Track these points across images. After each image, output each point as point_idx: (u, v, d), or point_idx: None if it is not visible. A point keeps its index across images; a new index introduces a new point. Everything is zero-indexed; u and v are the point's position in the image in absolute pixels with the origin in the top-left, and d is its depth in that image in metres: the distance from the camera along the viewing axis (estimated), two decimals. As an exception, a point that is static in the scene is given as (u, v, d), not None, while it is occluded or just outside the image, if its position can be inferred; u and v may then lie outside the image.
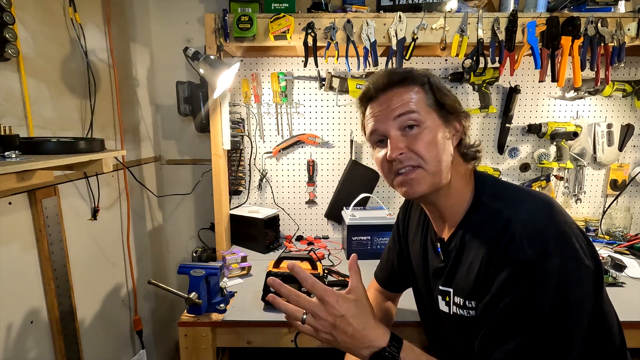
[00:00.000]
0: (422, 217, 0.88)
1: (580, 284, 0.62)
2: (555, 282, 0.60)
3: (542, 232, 0.63)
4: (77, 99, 1.28)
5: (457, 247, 0.74)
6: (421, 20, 1.37)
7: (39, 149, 0.91)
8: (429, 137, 0.70)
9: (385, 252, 1.06)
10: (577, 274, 0.61)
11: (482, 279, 0.67)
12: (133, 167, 1.62)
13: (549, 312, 0.60)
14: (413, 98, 0.71)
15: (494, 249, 0.65)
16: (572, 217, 0.70)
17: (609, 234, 1.74)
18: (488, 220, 0.70)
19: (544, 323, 0.61)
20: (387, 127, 0.72)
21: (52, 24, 1.16)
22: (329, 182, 1.83)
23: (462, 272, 0.73)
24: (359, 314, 0.65)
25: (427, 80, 0.74)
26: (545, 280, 0.60)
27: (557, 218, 0.65)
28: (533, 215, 0.66)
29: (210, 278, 1.11)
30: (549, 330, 0.61)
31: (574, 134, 1.65)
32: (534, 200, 0.70)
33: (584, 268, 0.62)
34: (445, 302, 0.78)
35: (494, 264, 0.65)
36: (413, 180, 0.71)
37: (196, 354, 1.10)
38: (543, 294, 0.61)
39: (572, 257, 0.62)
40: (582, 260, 0.62)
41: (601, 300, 0.69)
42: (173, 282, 2.00)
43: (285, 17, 1.35)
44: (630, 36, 1.39)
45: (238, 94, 1.75)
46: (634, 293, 1.22)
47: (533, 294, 0.61)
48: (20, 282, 1.04)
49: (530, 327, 0.61)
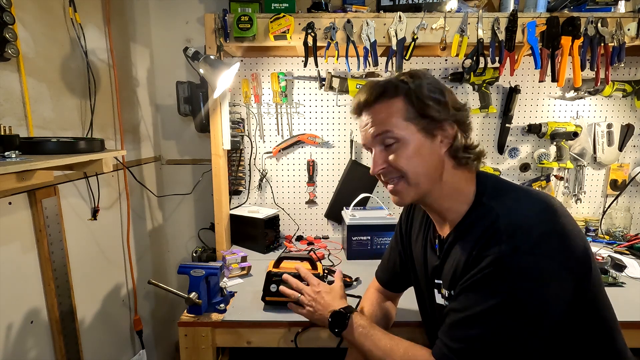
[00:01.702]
0: (425, 217, 0.90)
1: (546, 286, 0.63)
2: (514, 279, 0.63)
3: (525, 230, 0.65)
4: (77, 99, 1.28)
5: (449, 243, 0.77)
6: (421, 20, 1.37)
7: (39, 149, 0.91)
8: (406, 153, 0.73)
9: (387, 252, 1.06)
10: (548, 275, 0.63)
11: (463, 270, 0.70)
12: (133, 167, 1.62)
13: (496, 306, 0.64)
14: (391, 116, 0.74)
15: (478, 243, 0.68)
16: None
17: (609, 234, 1.74)
18: (480, 217, 0.71)
19: (488, 315, 0.64)
20: (370, 144, 0.78)
21: (52, 24, 1.16)
22: (329, 182, 1.83)
23: (449, 264, 0.76)
24: (332, 294, 0.95)
25: (408, 89, 0.73)
26: (507, 275, 0.63)
27: (549, 217, 0.66)
28: (522, 214, 0.67)
29: (210, 278, 1.11)
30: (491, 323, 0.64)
31: (574, 134, 1.65)
32: (530, 200, 0.70)
33: (559, 271, 0.63)
34: (441, 295, 0.81)
35: (473, 255, 0.68)
36: (398, 191, 0.77)
37: (196, 354, 1.10)
38: (498, 287, 0.64)
39: (549, 257, 0.63)
40: (562, 263, 0.63)
41: (600, 304, 0.69)
42: (173, 282, 2.00)
43: (285, 17, 1.35)
44: (630, 36, 1.39)
45: (238, 94, 1.75)
46: (634, 293, 1.22)
47: (489, 284, 0.65)
48: (20, 282, 1.04)
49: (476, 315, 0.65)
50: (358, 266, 1.46)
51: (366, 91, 0.76)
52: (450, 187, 0.76)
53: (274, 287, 1.13)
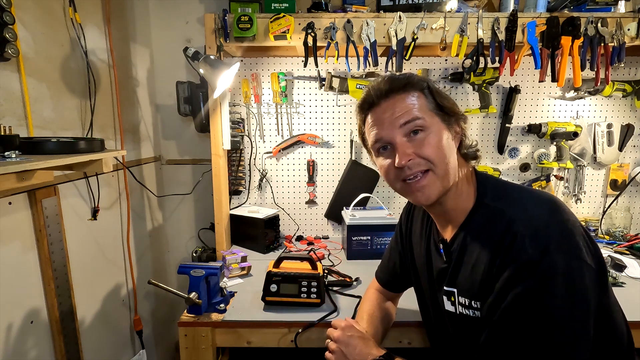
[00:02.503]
0: (426, 218, 0.89)
1: (583, 283, 0.61)
2: (559, 281, 0.60)
3: (544, 231, 0.63)
4: (77, 99, 1.28)
5: (460, 248, 0.75)
6: (421, 20, 1.37)
7: (39, 149, 0.91)
8: (435, 141, 0.71)
9: (387, 253, 1.06)
10: (580, 273, 0.61)
11: (487, 279, 0.68)
12: (133, 167, 1.62)
13: (553, 311, 0.60)
14: (415, 104, 0.72)
15: (498, 250, 0.66)
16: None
17: (609, 234, 1.74)
18: (491, 220, 0.70)
19: (548, 323, 0.60)
20: (393, 134, 0.72)
21: (52, 24, 1.16)
22: (329, 182, 1.83)
23: (465, 272, 0.73)
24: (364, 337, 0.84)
25: (427, 85, 0.74)
26: (548, 279, 0.60)
27: (560, 216, 0.65)
28: (535, 215, 0.66)
29: (210, 278, 1.11)
30: (552, 330, 0.60)
31: (574, 134, 1.65)
32: (536, 199, 0.70)
33: (586, 266, 0.62)
34: (450, 302, 0.78)
35: (497, 264, 0.66)
36: (424, 187, 0.72)
37: (196, 354, 1.10)
38: (546, 293, 0.60)
39: (575, 255, 0.61)
40: (585, 259, 0.62)
41: (607, 300, 0.69)
42: (173, 282, 2.00)
43: (285, 17, 1.35)
44: (630, 36, 1.39)
45: (238, 94, 1.75)
46: (634, 293, 1.22)
47: (536, 292, 0.61)
48: (20, 282, 1.04)
49: (534, 327, 0.61)
50: (358, 266, 1.46)
51: (387, 81, 0.74)
52: (459, 185, 0.75)
53: (274, 287, 1.13)
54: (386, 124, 0.73)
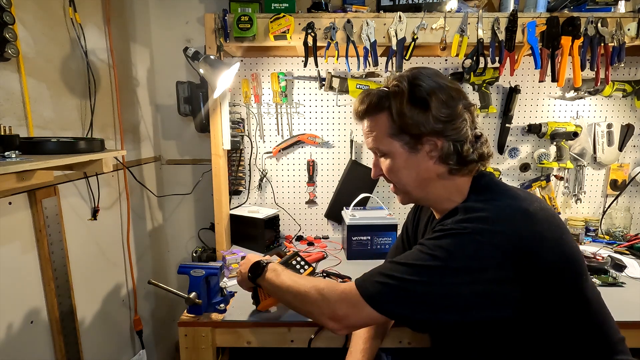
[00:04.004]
0: (431, 218, 0.91)
1: (475, 253, 0.65)
2: (446, 241, 0.67)
3: (477, 213, 0.68)
4: (77, 99, 1.28)
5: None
6: (421, 20, 1.37)
7: (39, 149, 0.91)
8: (391, 166, 0.80)
9: (391, 252, 1.07)
10: (476, 245, 0.65)
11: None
12: (133, 167, 1.62)
13: (421, 250, 0.70)
14: (375, 133, 0.80)
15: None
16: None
17: (609, 234, 1.74)
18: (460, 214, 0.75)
19: (411, 255, 0.72)
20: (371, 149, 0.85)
21: (52, 24, 1.16)
22: (329, 182, 1.83)
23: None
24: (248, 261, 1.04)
25: (389, 105, 0.76)
26: (440, 236, 0.69)
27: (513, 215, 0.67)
28: (487, 207, 0.69)
29: (210, 278, 1.11)
30: (407, 259, 0.71)
31: (574, 134, 1.65)
32: (506, 201, 0.71)
33: (494, 235, 0.65)
34: None
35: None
36: (396, 194, 0.86)
37: (196, 354, 1.10)
38: (432, 245, 0.69)
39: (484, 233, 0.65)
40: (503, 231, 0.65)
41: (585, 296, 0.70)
42: (173, 282, 2.00)
43: (285, 17, 1.35)
44: (630, 36, 1.39)
45: (238, 94, 1.75)
46: (634, 293, 1.22)
47: (426, 243, 0.71)
48: (20, 282, 1.04)
49: (409, 263, 0.71)
50: (358, 266, 1.46)
51: (362, 101, 0.81)
52: (448, 190, 0.78)
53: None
54: (365, 142, 0.85)
